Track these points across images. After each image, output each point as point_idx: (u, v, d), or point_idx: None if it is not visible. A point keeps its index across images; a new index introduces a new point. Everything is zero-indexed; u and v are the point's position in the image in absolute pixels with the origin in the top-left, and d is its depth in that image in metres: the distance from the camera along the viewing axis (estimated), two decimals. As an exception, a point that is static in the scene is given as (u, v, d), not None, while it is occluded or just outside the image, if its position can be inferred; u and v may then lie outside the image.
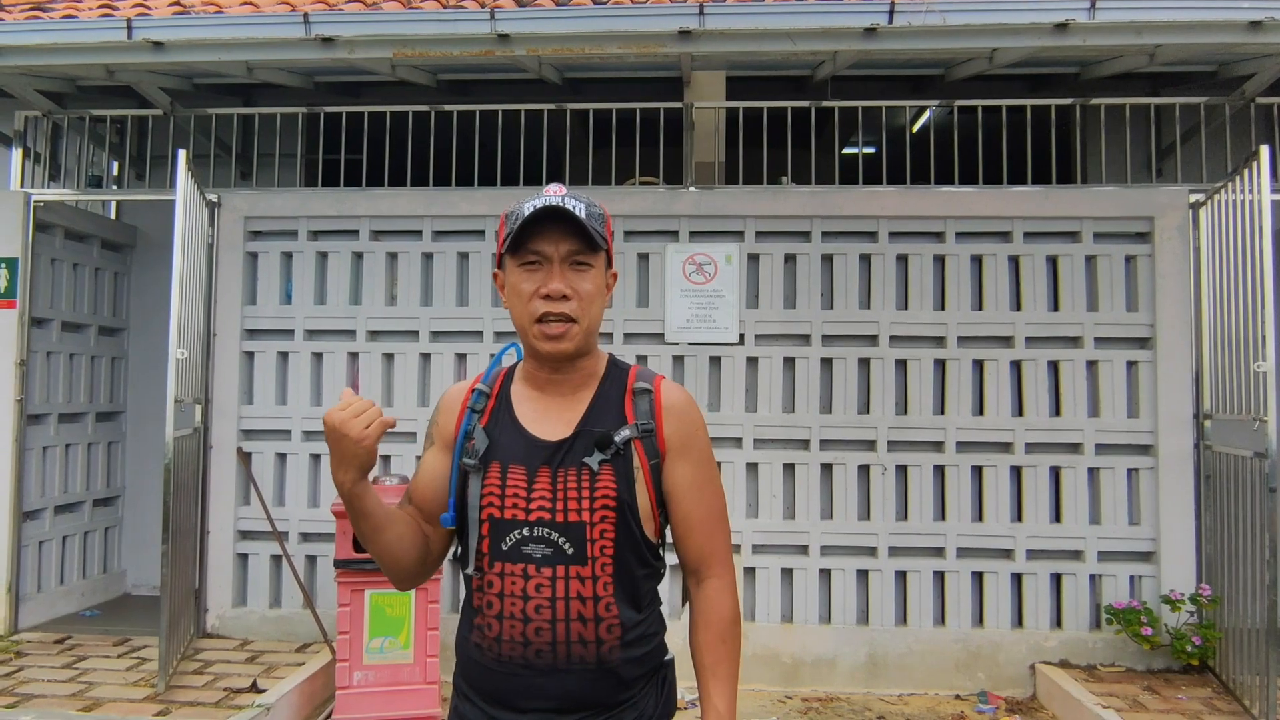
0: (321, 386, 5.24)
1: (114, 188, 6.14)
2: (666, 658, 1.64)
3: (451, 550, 1.67)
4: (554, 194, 1.51)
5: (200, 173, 5.12)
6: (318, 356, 5.25)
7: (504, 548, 1.51)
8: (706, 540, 1.60)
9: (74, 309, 5.77)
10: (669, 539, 1.63)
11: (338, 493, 1.49)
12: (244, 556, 5.21)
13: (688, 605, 1.65)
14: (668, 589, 4.94)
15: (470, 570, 1.56)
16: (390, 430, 1.47)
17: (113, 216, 6.32)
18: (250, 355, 5.27)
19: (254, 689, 4.28)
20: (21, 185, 5.50)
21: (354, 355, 5.24)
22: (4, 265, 5.25)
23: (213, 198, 5.20)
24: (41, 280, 5.45)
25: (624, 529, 1.52)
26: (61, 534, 5.65)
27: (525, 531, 1.51)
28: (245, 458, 5.20)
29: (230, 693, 4.25)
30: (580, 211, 1.50)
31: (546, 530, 1.50)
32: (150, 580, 5.96)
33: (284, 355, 5.26)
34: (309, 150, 6.11)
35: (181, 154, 4.40)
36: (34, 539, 5.39)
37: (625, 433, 1.54)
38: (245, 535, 5.20)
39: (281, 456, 5.23)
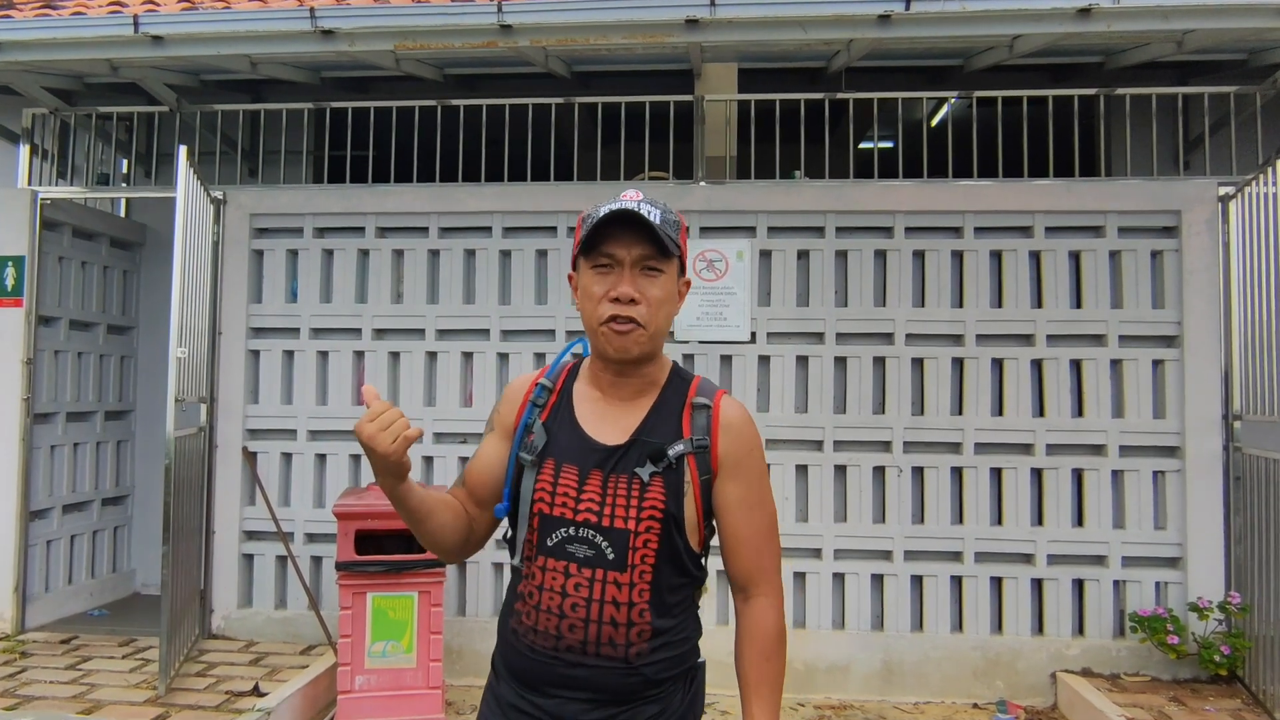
0: (327, 385, 5.18)
1: (122, 185, 6.12)
2: (699, 660, 1.69)
3: (502, 533, 1.72)
4: (630, 199, 1.55)
5: (207, 170, 5.08)
6: (323, 355, 5.19)
7: (549, 543, 1.57)
8: (755, 558, 1.62)
9: (82, 307, 5.75)
10: (714, 543, 1.67)
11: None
12: (250, 557, 5.16)
13: (700, 602, 1.70)
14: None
15: (516, 561, 1.63)
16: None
17: (122, 214, 6.30)
18: (256, 354, 5.22)
19: (256, 692, 4.22)
20: (29, 183, 5.49)
21: (360, 354, 5.17)
22: (11, 263, 5.23)
23: (218, 195, 5.15)
24: (49, 278, 5.43)
25: (667, 540, 1.56)
26: (70, 533, 5.63)
27: (570, 531, 1.56)
28: (251, 457, 5.15)
29: (232, 695, 4.19)
30: (655, 217, 1.53)
31: (591, 532, 1.55)
32: (159, 580, 5.92)
33: (289, 354, 5.21)
34: (316, 146, 6.05)
35: (183, 151, 4.35)
36: (41, 538, 5.37)
37: (679, 447, 1.58)
38: (251, 535, 5.15)
39: (287, 456, 5.17)
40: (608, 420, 1.61)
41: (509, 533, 1.68)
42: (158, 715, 3.93)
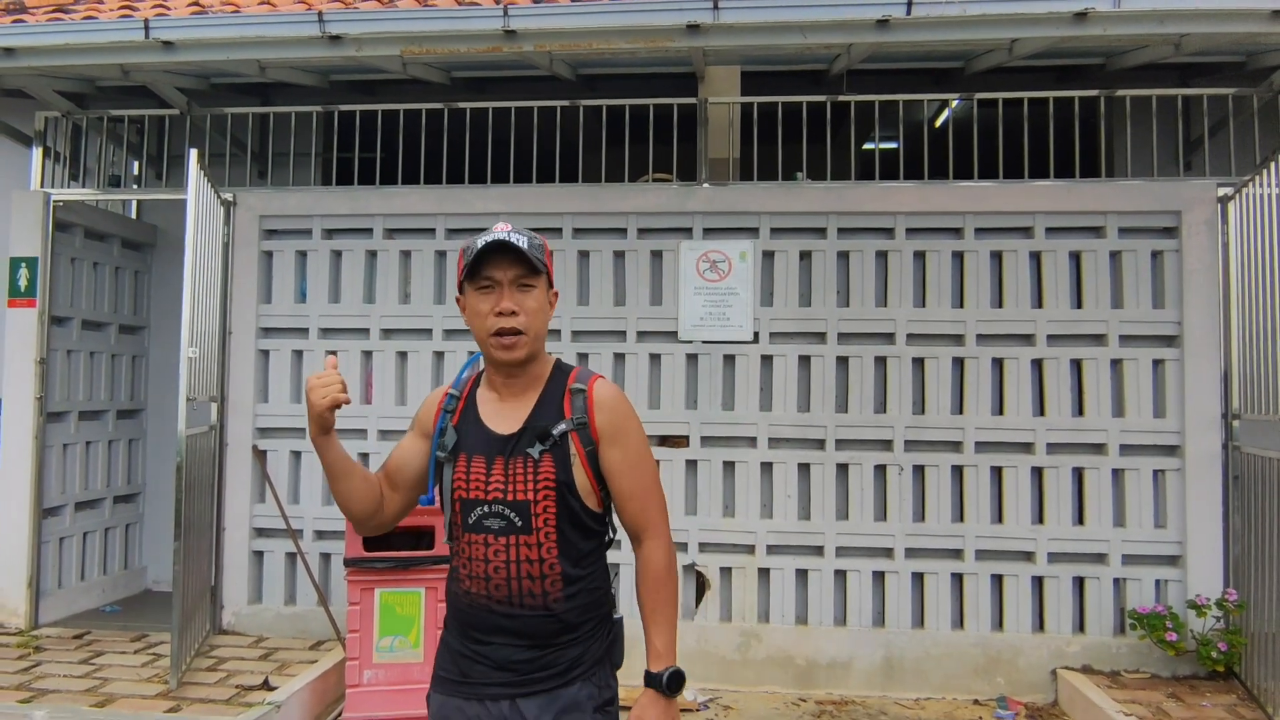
0: (335, 385, 5.24)
1: (133, 187, 6.20)
2: (615, 615, 1.99)
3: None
4: (502, 230, 1.87)
5: (217, 172, 5.16)
6: (332, 355, 5.24)
7: (470, 521, 1.88)
8: (640, 509, 1.93)
9: (94, 308, 5.83)
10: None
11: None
12: (259, 554, 5.23)
13: (700, 605, 1.95)
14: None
15: (448, 540, 1.97)
16: (406, 431, 2.03)
17: (133, 216, 6.38)
18: (265, 353, 5.29)
19: (266, 686, 4.29)
20: (42, 185, 5.56)
21: (368, 354, 5.25)
22: (24, 264, 5.31)
23: (228, 197, 5.23)
24: (61, 279, 5.51)
25: (563, 504, 1.86)
26: (82, 530, 5.71)
27: (485, 509, 1.87)
28: (260, 455, 5.22)
29: (242, 690, 4.26)
30: (523, 244, 1.85)
31: (501, 507, 1.86)
32: (170, 577, 5.98)
33: (299, 353, 5.28)
34: (324, 149, 6.12)
35: (193, 153, 4.42)
36: (54, 535, 5.46)
37: (562, 426, 1.88)
38: (261, 533, 5.23)
39: (296, 454, 5.25)
40: (504, 414, 1.93)
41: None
42: (170, 708, 4.00)
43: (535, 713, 1.84)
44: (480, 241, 1.87)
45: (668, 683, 1.82)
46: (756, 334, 5.02)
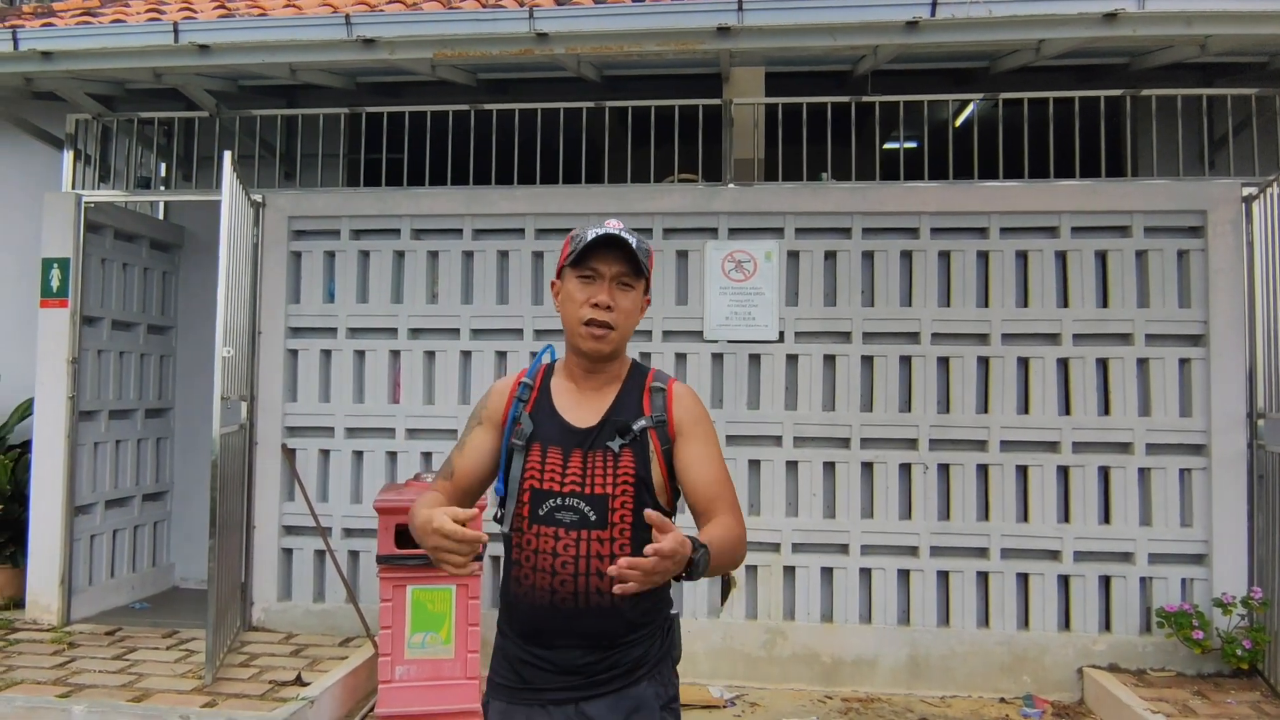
0: (364, 384, 5.30)
1: (162, 189, 6.26)
2: (673, 610, 1.98)
3: (491, 514, 2.00)
4: (614, 226, 1.88)
5: (245, 173, 5.20)
6: (360, 354, 5.31)
7: (540, 513, 1.83)
8: (716, 497, 1.89)
9: (124, 308, 5.90)
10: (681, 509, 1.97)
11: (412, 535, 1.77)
12: (289, 551, 5.29)
13: (725, 602, 1.90)
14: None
15: (509, 529, 1.89)
16: (434, 429, 1.69)
17: (161, 217, 6.44)
18: (294, 353, 5.34)
19: (298, 682, 4.34)
20: (73, 187, 5.62)
21: (396, 353, 5.29)
22: (56, 265, 5.37)
23: (257, 198, 5.28)
24: (92, 280, 5.57)
25: (639, 500, 1.83)
26: (112, 528, 5.78)
27: (558, 501, 1.82)
28: (289, 454, 5.27)
29: (275, 685, 4.31)
30: (632, 242, 1.87)
31: (576, 500, 1.82)
32: (198, 574, 6.08)
33: (327, 353, 5.33)
34: (351, 150, 6.18)
35: (227, 155, 4.47)
36: (86, 533, 5.52)
37: (642, 422, 1.89)
38: (290, 530, 5.28)
39: (325, 453, 5.30)
40: (582, 407, 1.91)
41: (499, 513, 1.94)
42: (206, 703, 4.05)
43: (603, 714, 1.81)
44: (591, 233, 1.87)
45: (695, 547, 1.67)
46: (782, 333, 5.05)
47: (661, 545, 1.55)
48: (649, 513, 1.62)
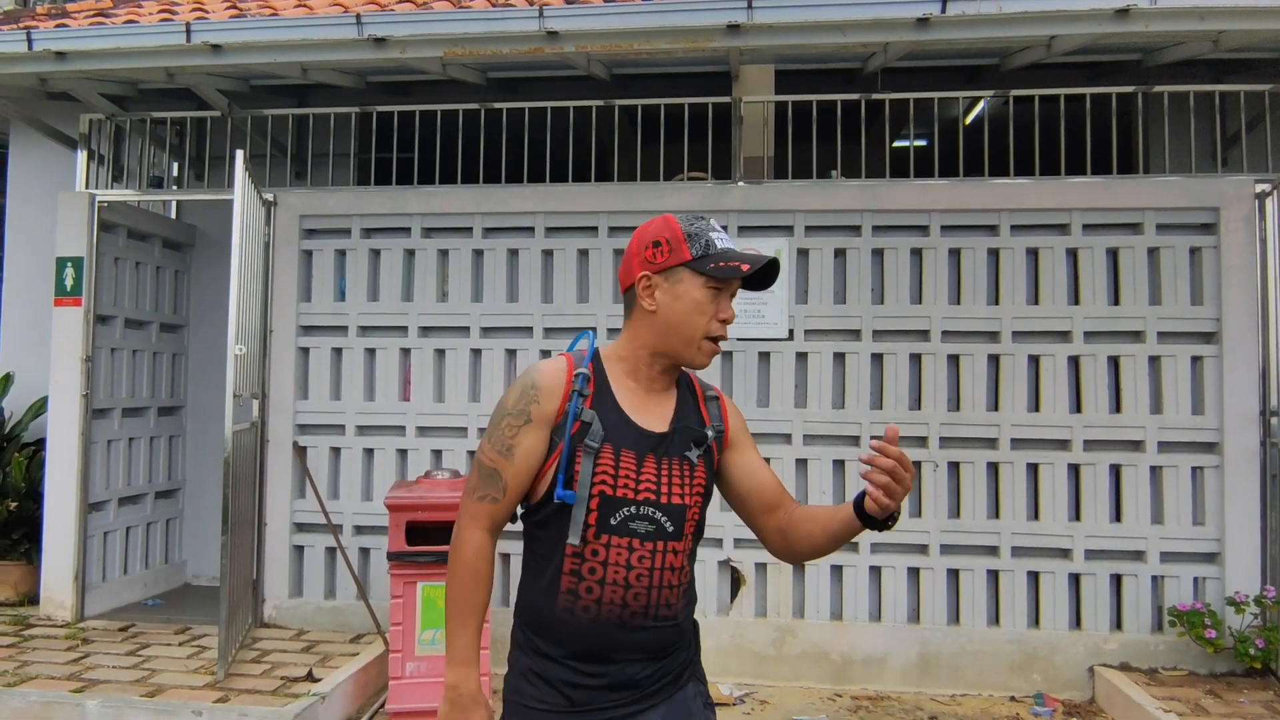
0: (374, 382, 5.33)
1: (174, 188, 6.30)
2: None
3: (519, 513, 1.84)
4: (723, 230, 1.81)
5: (257, 173, 5.23)
6: (371, 352, 5.33)
7: (613, 522, 1.70)
8: (784, 492, 1.90)
9: (136, 306, 5.93)
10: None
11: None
12: (300, 549, 5.31)
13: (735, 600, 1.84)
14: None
15: (576, 541, 1.70)
16: (444, 427, 1.63)
17: (173, 216, 6.48)
18: (305, 351, 5.37)
19: (310, 678, 4.36)
20: (87, 186, 5.67)
21: (406, 351, 5.31)
22: (70, 264, 5.41)
23: (269, 197, 5.31)
24: (105, 278, 5.61)
25: (704, 511, 1.82)
26: (125, 525, 5.82)
27: (633, 509, 1.71)
28: (301, 452, 5.30)
29: (287, 681, 4.33)
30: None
31: (651, 510, 1.72)
32: (209, 571, 6.12)
33: (338, 351, 5.36)
34: (362, 149, 6.20)
35: (239, 155, 4.49)
36: (99, 530, 5.56)
37: (710, 433, 1.83)
38: (301, 528, 5.31)
39: (336, 451, 5.32)
40: (647, 409, 1.78)
41: (535, 515, 1.77)
42: (219, 698, 4.07)
43: None
44: (724, 241, 1.76)
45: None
46: (791, 331, 5.04)
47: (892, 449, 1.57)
48: (890, 429, 1.59)
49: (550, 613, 1.72)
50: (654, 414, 1.79)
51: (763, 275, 1.76)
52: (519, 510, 1.80)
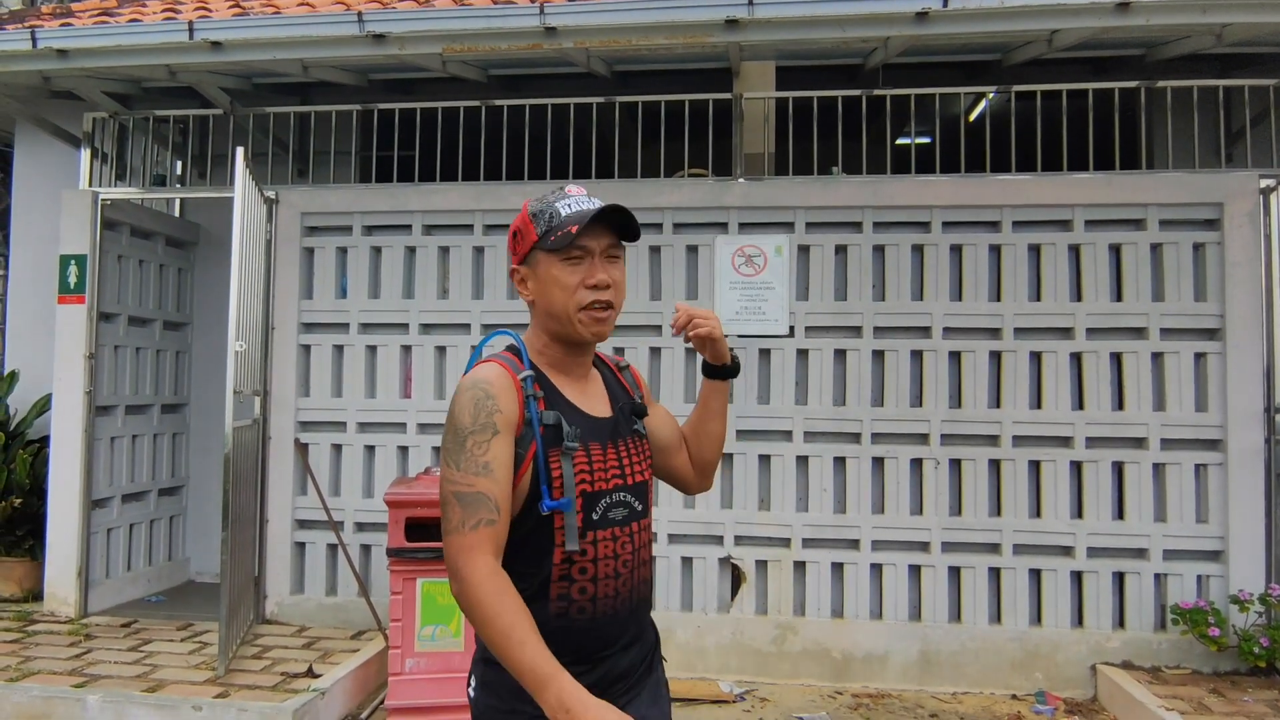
0: (376, 379, 5.34)
1: (177, 186, 6.32)
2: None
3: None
4: (581, 193, 1.71)
5: (259, 170, 5.25)
6: (372, 349, 5.34)
7: (595, 518, 1.66)
8: (680, 425, 2.00)
9: (140, 304, 5.96)
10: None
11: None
12: (301, 545, 5.33)
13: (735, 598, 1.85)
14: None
15: (575, 546, 1.61)
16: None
17: (176, 214, 6.50)
18: (307, 348, 5.38)
19: (310, 674, 4.37)
20: (90, 184, 5.69)
21: (407, 348, 5.32)
22: (74, 262, 5.44)
23: (271, 194, 5.32)
24: (109, 276, 5.64)
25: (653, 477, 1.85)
26: (129, 522, 5.84)
27: (609, 499, 1.69)
28: (302, 449, 5.31)
29: (287, 677, 4.35)
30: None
31: (623, 494, 1.71)
32: (212, 568, 6.12)
33: (339, 348, 5.37)
34: (363, 147, 6.21)
35: (239, 152, 4.51)
36: (102, 526, 5.59)
37: (639, 402, 1.85)
38: (303, 524, 5.32)
39: (337, 448, 5.33)
40: (587, 396, 1.75)
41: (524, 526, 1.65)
42: (218, 694, 4.09)
43: (643, 712, 1.68)
44: (566, 207, 1.66)
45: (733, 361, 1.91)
46: (792, 328, 5.03)
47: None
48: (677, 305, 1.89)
49: (542, 625, 1.54)
50: (595, 399, 1.77)
51: (622, 226, 1.68)
52: None
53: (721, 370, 1.89)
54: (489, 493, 1.56)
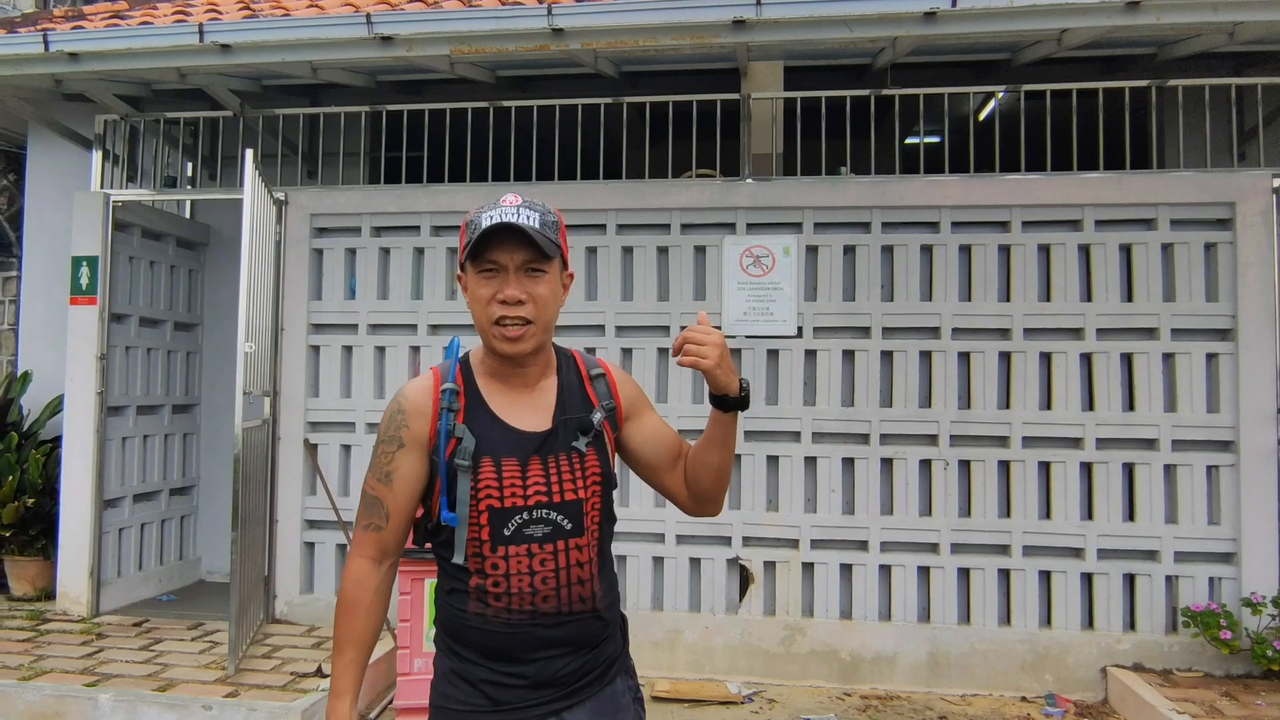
0: (384, 379, 5.35)
1: (188, 188, 6.36)
2: (624, 609, 1.91)
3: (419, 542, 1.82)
4: (510, 205, 1.63)
5: (268, 172, 5.27)
6: (381, 350, 5.36)
7: (506, 533, 1.65)
8: (684, 444, 1.86)
9: (151, 305, 5.99)
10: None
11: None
12: (311, 545, 5.35)
13: (743, 599, 1.83)
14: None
15: (460, 560, 1.66)
16: None
17: (187, 215, 6.54)
18: (316, 349, 5.40)
19: (319, 674, 4.39)
20: (101, 186, 5.73)
21: (416, 349, 5.33)
22: (86, 263, 5.47)
23: (280, 196, 5.35)
24: (120, 277, 5.67)
25: (606, 498, 1.75)
26: (140, 522, 5.88)
27: (525, 515, 1.65)
28: (311, 449, 5.33)
29: (297, 676, 4.37)
30: (534, 222, 1.62)
31: (545, 511, 1.66)
32: (223, 567, 6.17)
33: (348, 349, 5.39)
34: (372, 148, 6.23)
35: (249, 154, 4.53)
36: (114, 526, 5.63)
37: (598, 415, 1.75)
38: (312, 524, 5.34)
39: (346, 448, 5.35)
40: (523, 408, 1.71)
41: (430, 540, 1.75)
42: (228, 693, 4.11)
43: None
44: (484, 219, 1.62)
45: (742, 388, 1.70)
46: (800, 329, 5.02)
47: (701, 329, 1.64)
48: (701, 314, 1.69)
49: (464, 619, 1.68)
50: (533, 411, 1.72)
51: (514, 229, 1.61)
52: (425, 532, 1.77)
53: (723, 401, 1.69)
54: (384, 499, 1.70)
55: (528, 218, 1.62)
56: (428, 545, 1.78)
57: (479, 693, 1.67)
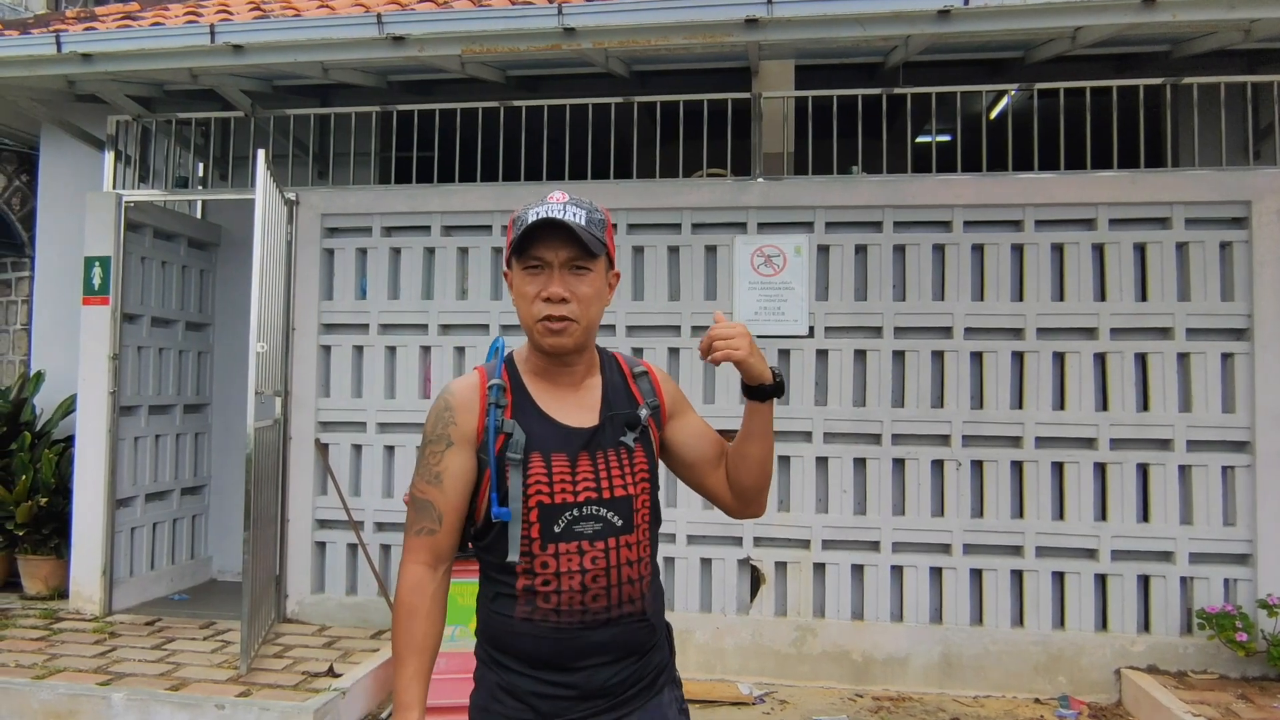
0: (395, 380, 5.36)
1: (199, 188, 6.38)
2: (668, 615, 1.86)
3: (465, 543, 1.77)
4: (556, 201, 1.63)
5: (279, 172, 5.28)
6: (391, 350, 5.36)
7: (556, 530, 1.63)
8: (723, 443, 1.87)
9: (163, 305, 6.01)
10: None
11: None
12: (322, 545, 5.36)
13: (755, 599, 1.82)
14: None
15: (515, 558, 1.63)
16: None
17: (198, 216, 6.55)
18: (327, 349, 5.41)
19: (331, 673, 4.39)
20: (114, 187, 5.75)
21: (426, 349, 5.34)
22: (98, 264, 5.49)
23: (291, 196, 5.36)
24: (132, 277, 5.69)
25: (654, 496, 1.74)
26: (152, 521, 5.90)
27: (575, 512, 1.64)
28: (323, 449, 5.34)
29: (308, 676, 4.37)
30: (580, 219, 1.61)
31: (595, 508, 1.65)
32: (235, 567, 6.18)
33: (359, 349, 5.39)
34: (383, 148, 6.24)
35: (260, 154, 4.54)
36: (126, 525, 5.64)
37: (644, 412, 1.75)
38: (323, 524, 5.35)
39: (357, 448, 5.36)
40: (570, 405, 1.71)
41: (476, 541, 1.72)
42: (241, 693, 4.12)
43: None
44: (531, 215, 1.62)
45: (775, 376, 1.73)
46: (811, 328, 5.00)
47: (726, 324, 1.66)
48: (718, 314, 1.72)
49: (510, 625, 1.65)
50: (579, 408, 1.71)
51: (561, 225, 1.60)
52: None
53: (758, 390, 1.71)
54: (435, 501, 1.67)
55: (574, 214, 1.61)
56: (469, 545, 1.75)
57: (526, 706, 1.64)
